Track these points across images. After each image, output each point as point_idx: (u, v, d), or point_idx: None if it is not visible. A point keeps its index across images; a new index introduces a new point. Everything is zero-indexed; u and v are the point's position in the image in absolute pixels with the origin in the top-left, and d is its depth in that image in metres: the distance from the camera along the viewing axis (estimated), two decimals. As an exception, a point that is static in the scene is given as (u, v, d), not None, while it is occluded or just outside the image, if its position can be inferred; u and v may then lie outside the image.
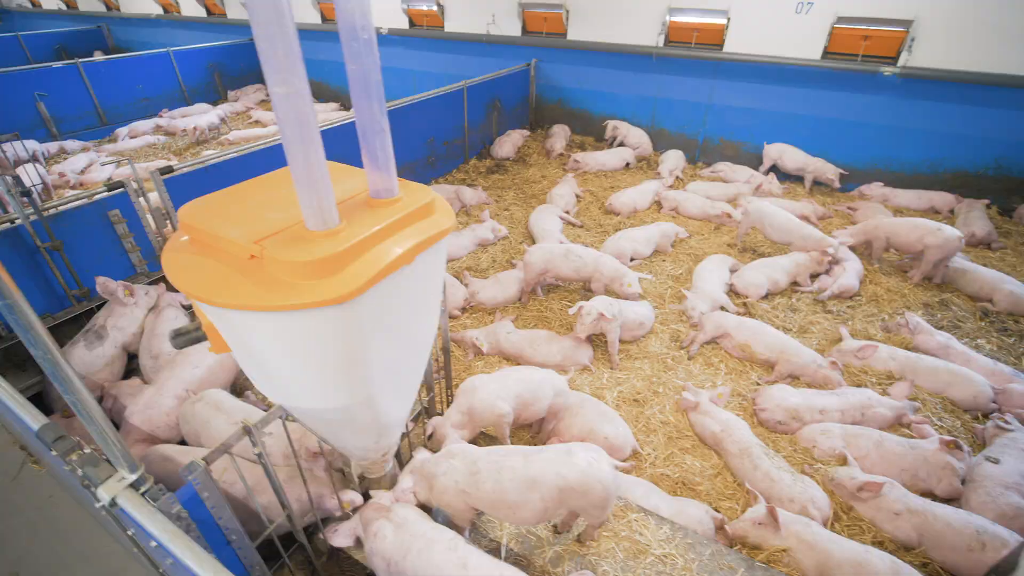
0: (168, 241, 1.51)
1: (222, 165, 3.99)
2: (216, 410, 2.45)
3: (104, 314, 3.22)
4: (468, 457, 2.30)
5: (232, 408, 2.48)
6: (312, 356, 1.47)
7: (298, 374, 1.53)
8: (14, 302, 1.08)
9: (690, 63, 7.04)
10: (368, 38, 1.38)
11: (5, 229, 2.98)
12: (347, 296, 1.30)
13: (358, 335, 1.45)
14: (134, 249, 3.58)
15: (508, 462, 2.25)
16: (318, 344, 1.44)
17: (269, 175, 1.79)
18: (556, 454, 2.25)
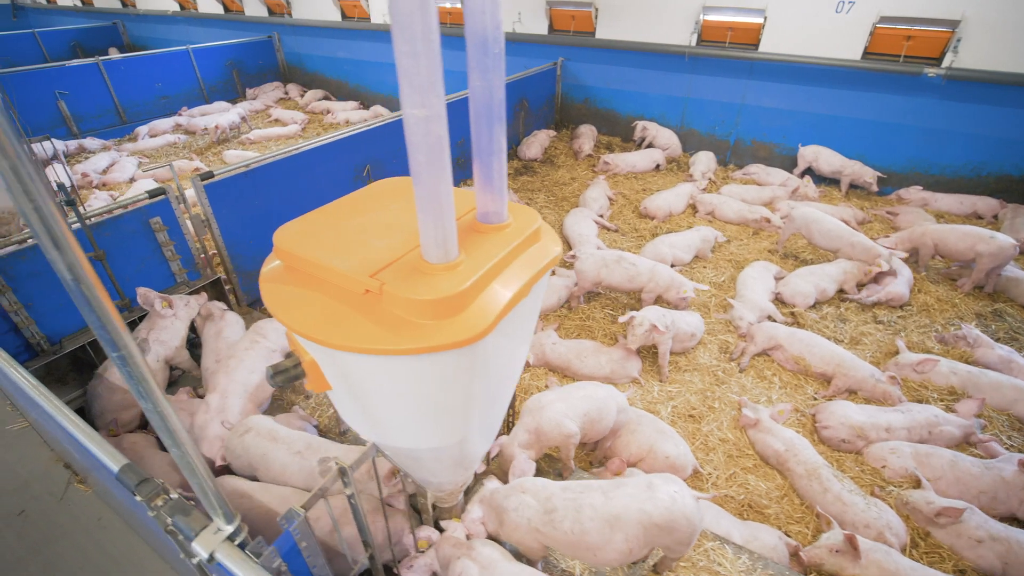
0: (264, 270, 1.39)
1: (262, 169, 3.87)
2: (272, 441, 2.33)
3: (146, 327, 3.11)
4: (542, 493, 2.18)
5: (288, 437, 2.37)
6: (423, 397, 1.35)
7: (405, 415, 1.42)
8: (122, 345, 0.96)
9: (723, 63, 6.87)
10: (499, 52, 1.25)
11: (48, 238, 2.87)
12: (477, 337, 1.19)
13: (471, 374, 1.34)
14: (174, 257, 3.47)
15: (586, 499, 2.12)
16: (432, 385, 1.33)
17: (360, 193, 1.66)
18: (637, 489, 2.12)
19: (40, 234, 0.82)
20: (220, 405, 2.68)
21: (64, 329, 3.06)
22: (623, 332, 4.18)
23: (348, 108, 9.79)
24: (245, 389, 2.78)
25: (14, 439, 3.01)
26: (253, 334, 3.05)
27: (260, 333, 3.06)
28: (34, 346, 2.91)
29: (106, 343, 0.96)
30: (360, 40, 9.79)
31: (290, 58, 11.04)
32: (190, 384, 3.40)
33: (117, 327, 0.94)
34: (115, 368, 2.78)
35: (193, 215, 3.54)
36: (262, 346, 2.99)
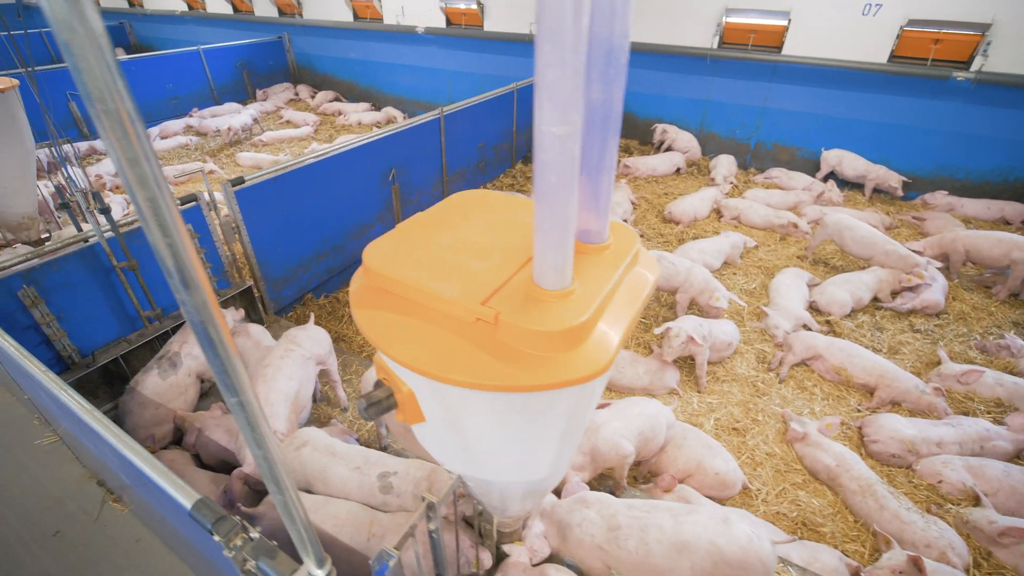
0: (353, 296, 1.30)
1: (291, 175, 3.77)
2: (331, 455, 2.24)
3: (178, 340, 3.01)
4: (606, 509, 2.09)
5: (346, 452, 2.28)
6: (529, 431, 1.26)
7: (505, 449, 1.32)
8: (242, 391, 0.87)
9: (745, 65, 6.79)
10: (624, 63, 1.16)
11: (80, 248, 2.77)
12: (601, 371, 1.09)
13: (577, 407, 1.25)
14: (205, 266, 3.37)
15: (654, 520, 2.03)
16: (541, 419, 1.23)
17: (439, 208, 1.57)
18: (711, 520, 2.03)
19: (178, 288, 0.73)
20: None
21: (95, 341, 2.96)
22: (657, 342, 4.09)
23: (360, 110, 9.69)
24: (286, 398, 2.69)
25: (44, 455, 2.91)
26: (287, 342, 2.96)
27: (294, 341, 2.97)
28: (65, 359, 2.81)
29: (225, 388, 0.86)
30: (372, 41, 9.70)
31: (300, 59, 10.94)
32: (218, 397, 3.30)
33: (240, 372, 0.85)
34: (147, 381, 2.68)
35: (223, 222, 3.45)
36: (297, 354, 2.90)
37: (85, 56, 0.58)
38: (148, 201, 0.67)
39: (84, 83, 0.59)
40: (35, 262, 2.59)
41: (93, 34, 0.57)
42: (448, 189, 5.87)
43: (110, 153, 0.63)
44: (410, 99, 9.87)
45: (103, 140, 0.62)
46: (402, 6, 9.00)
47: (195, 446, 2.74)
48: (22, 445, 2.96)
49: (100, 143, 7.83)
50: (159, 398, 2.80)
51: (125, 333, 3.08)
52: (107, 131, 0.61)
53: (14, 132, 3.81)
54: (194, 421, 2.79)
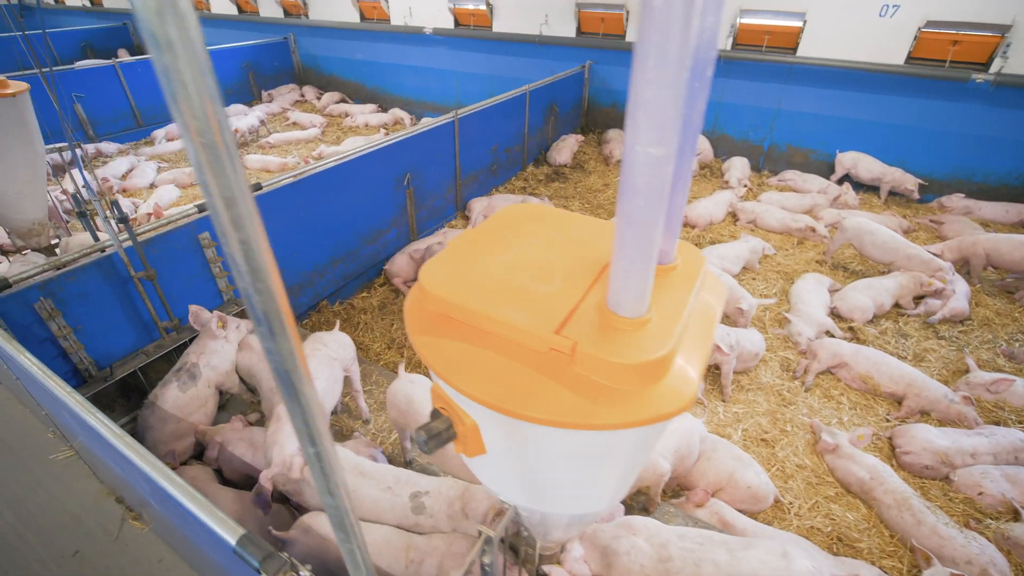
0: (411, 321, 1.22)
1: (307, 180, 3.70)
2: (360, 476, 2.16)
3: (196, 350, 2.93)
4: (656, 538, 2.01)
5: (375, 472, 2.20)
6: (601, 466, 1.19)
7: (573, 483, 1.25)
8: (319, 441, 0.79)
9: (759, 67, 6.72)
10: (710, 76, 1.08)
11: (97, 258, 2.70)
12: (688, 406, 1.02)
13: (651, 442, 1.18)
14: (222, 275, 3.30)
15: (708, 554, 1.96)
16: (616, 454, 1.16)
17: (492, 224, 1.49)
18: (769, 555, 1.95)
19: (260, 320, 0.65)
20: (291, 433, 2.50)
21: (112, 353, 2.89)
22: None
23: (367, 111, 9.61)
24: None
25: (60, 470, 2.83)
26: (313, 343, 2.89)
27: (320, 341, 2.90)
28: (82, 372, 2.73)
29: (304, 437, 0.79)
30: (379, 42, 9.62)
31: (305, 60, 10.86)
32: (236, 409, 3.23)
33: (320, 422, 0.78)
34: (166, 395, 2.61)
35: (241, 229, 3.36)
36: (323, 354, 2.84)
37: (185, 83, 0.50)
38: (241, 244, 0.59)
39: (181, 112, 0.51)
40: (52, 273, 2.52)
41: (197, 60, 0.50)
42: (461, 193, 5.80)
43: (205, 191, 0.55)
44: (417, 100, 9.79)
45: (198, 175, 0.54)
46: (410, 7, 8.92)
47: (217, 461, 2.67)
48: (37, 460, 2.88)
49: (105, 145, 7.75)
50: (179, 412, 2.72)
51: (142, 344, 3.01)
52: (206, 167, 0.53)
53: (25, 137, 3.73)
54: (215, 435, 2.72)
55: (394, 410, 2.59)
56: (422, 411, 2.49)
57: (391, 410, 2.62)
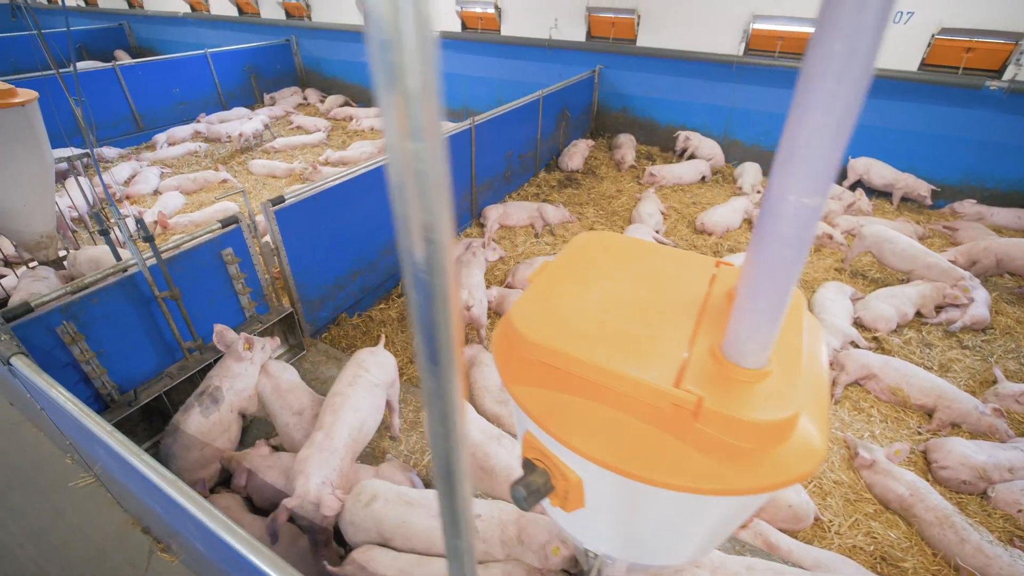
0: (506, 369, 1.14)
1: (329, 191, 3.60)
2: (407, 505, 2.08)
3: (219, 373, 2.82)
4: (720, 570, 1.95)
5: (422, 499, 2.12)
6: (706, 523, 1.12)
7: (669, 538, 1.18)
8: (463, 532, 0.72)
9: (772, 72, 6.70)
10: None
11: (120, 279, 2.59)
12: (816, 468, 0.96)
13: (761, 499, 1.11)
14: (245, 291, 3.19)
15: None
16: (729, 513, 1.09)
17: (569, 257, 1.41)
18: None
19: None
20: (323, 444, 2.42)
21: (134, 375, 2.78)
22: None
23: (372, 114, 9.50)
24: (350, 428, 2.54)
25: (81, 498, 2.72)
26: (355, 367, 2.80)
27: (361, 366, 2.81)
28: (104, 397, 2.62)
29: (450, 530, 0.71)
30: (383, 44, 9.49)
31: (307, 62, 10.72)
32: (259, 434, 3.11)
33: (468, 511, 0.70)
34: (190, 421, 2.51)
35: (263, 243, 3.27)
36: (365, 380, 2.75)
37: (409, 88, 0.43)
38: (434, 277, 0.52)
39: (393, 117, 0.44)
40: (75, 295, 2.41)
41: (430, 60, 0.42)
42: (477, 200, 5.71)
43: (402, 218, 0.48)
44: (422, 104, 9.66)
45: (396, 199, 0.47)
46: (415, 9, 8.81)
47: (246, 488, 2.57)
48: (56, 488, 2.77)
49: (106, 150, 7.59)
50: (203, 437, 2.62)
51: (164, 365, 2.90)
52: (413, 194, 0.46)
53: (34, 148, 3.60)
54: (242, 461, 2.62)
55: None
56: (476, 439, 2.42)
57: None
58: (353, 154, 7.74)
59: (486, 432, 2.46)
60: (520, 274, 4.63)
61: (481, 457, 2.35)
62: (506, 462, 2.33)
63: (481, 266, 4.34)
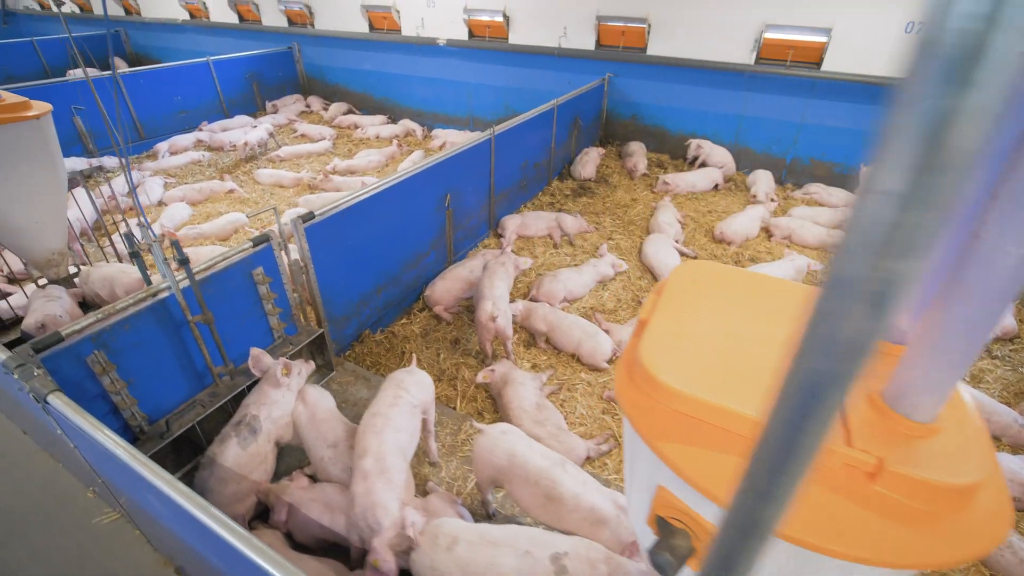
0: (643, 421, 1.04)
1: (359, 205, 3.50)
2: (492, 546, 1.96)
3: (255, 401, 2.69)
4: None
5: (505, 537, 2.00)
6: None
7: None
8: None
9: (783, 81, 6.69)
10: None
11: (151, 304, 2.46)
12: (1007, 532, 0.87)
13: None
14: (274, 311, 3.07)
15: None
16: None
17: (680, 285, 1.32)
18: None
19: None
20: (379, 468, 2.30)
21: (163, 403, 2.64)
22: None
23: (377, 123, 9.39)
24: (400, 451, 2.43)
25: (107, 536, 2.57)
26: (395, 388, 2.69)
27: (400, 386, 2.70)
28: (134, 428, 2.48)
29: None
30: (389, 52, 9.41)
31: (310, 69, 10.59)
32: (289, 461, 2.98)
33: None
34: (227, 453, 2.39)
35: (292, 261, 3.15)
36: (405, 401, 2.64)
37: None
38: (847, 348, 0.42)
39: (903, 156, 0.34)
40: (105, 323, 2.27)
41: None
42: (495, 211, 5.62)
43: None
44: (428, 111, 9.60)
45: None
46: (422, 17, 8.75)
47: (287, 524, 2.44)
48: (79, 525, 2.62)
49: (107, 160, 7.40)
50: (240, 470, 2.49)
51: (193, 392, 2.77)
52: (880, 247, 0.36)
53: (47, 162, 3.46)
54: (282, 495, 2.49)
55: (489, 468, 2.39)
56: (530, 465, 2.31)
57: (485, 468, 2.42)
58: (360, 163, 7.63)
59: (548, 457, 2.36)
60: (545, 287, 4.54)
61: (547, 485, 2.25)
62: (573, 489, 2.25)
63: (508, 276, 4.23)
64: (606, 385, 3.89)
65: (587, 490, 2.30)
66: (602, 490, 2.36)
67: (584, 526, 2.23)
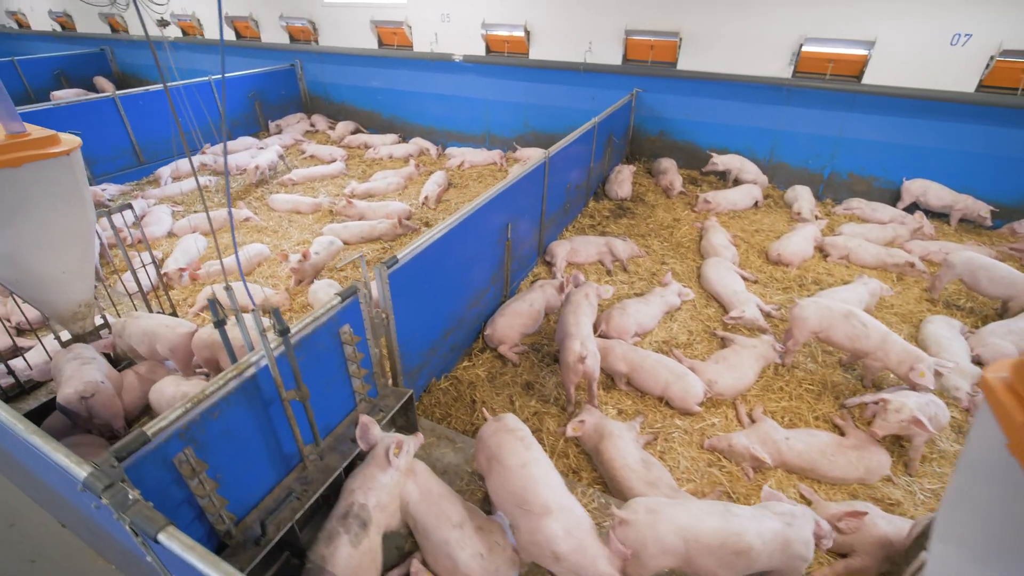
0: None
1: (438, 243, 3.13)
2: None
3: (361, 486, 2.26)
4: None
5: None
6: None
7: None
8: None
9: (821, 94, 6.56)
10: None
11: (242, 382, 2.03)
12: None
13: None
14: (359, 373, 2.65)
15: None
16: None
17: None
18: None
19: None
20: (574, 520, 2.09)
21: (248, 498, 2.20)
22: (859, 416, 3.63)
23: (388, 142, 9.01)
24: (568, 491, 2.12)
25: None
26: (513, 438, 2.38)
27: (515, 434, 2.39)
28: (220, 533, 2.04)
29: None
30: (398, 68, 9.07)
31: (313, 88, 10.16)
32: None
33: None
34: (338, 555, 1.98)
35: (374, 313, 2.75)
36: (535, 443, 2.32)
37: None
38: None
39: None
40: (195, 412, 1.85)
41: None
42: (543, 237, 5.29)
43: None
44: (440, 129, 9.26)
45: None
46: (436, 33, 8.44)
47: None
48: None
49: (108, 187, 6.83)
50: (353, 572, 2.07)
51: (279, 476, 2.33)
52: None
53: (77, 203, 3.00)
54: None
55: (662, 556, 2.06)
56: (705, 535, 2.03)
57: (657, 557, 2.07)
58: (380, 185, 7.22)
59: (714, 511, 2.14)
60: (615, 322, 4.20)
61: (732, 541, 2.02)
62: (759, 533, 2.05)
63: (592, 309, 3.91)
64: (704, 432, 3.56)
65: (763, 521, 2.21)
66: (767, 510, 2.29)
67: (778, 556, 2.14)
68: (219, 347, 3.24)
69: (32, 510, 2.83)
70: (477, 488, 2.91)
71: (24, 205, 2.72)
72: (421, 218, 6.43)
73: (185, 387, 2.86)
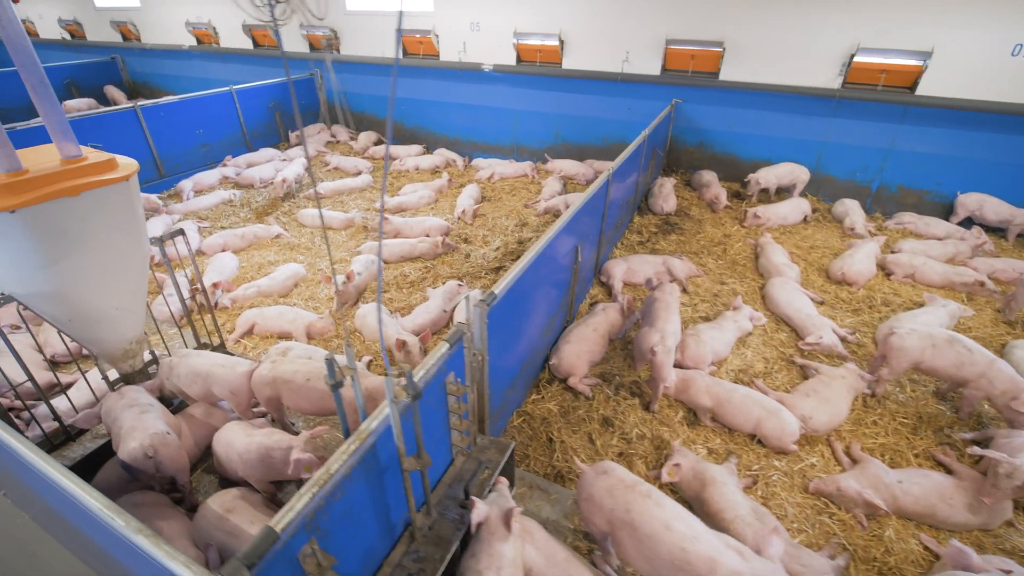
0: None
1: (527, 273, 2.86)
2: None
3: (486, 565, 1.96)
4: None
5: None
6: None
7: None
8: None
9: (871, 106, 6.36)
10: None
11: (362, 454, 1.74)
12: None
13: None
14: (460, 425, 2.37)
15: None
16: None
17: None
18: None
19: None
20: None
21: (362, 569, 1.91)
22: (956, 450, 3.37)
23: (414, 153, 8.77)
24: None
25: None
26: (624, 486, 2.11)
27: (625, 482, 2.12)
28: (332, 627, 1.74)
29: None
30: (422, 78, 8.83)
31: (331, 97, 9.90)
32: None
33: None
34: None
35: (472, 358, 2.47)
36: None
37: None
38: None
39: None
40: (319, 494, 1.56)
41: None
42: (600, 258, 5.03)
43: None
44: (466, 140, 9.02)
45: None
46: (464, 42, 8.21)
47: None
48: None
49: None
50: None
51: (386, 551, 2.04)
52: None
53: (134, 233, 2.72)
54: None
55: None
56: None
57: None
58: (411, 199, 6.95)
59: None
60: (691, 351, 3.94)
61: None
62: None
63: (677, 307, 4.08)
64: (805, 474, 3.29)
65: None
66: None
67: None
68: (282, 384, 2.96)
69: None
70: (581, 544, 2.63)
71: (82, 237, 2.44)
72: (460, 234, 6.16)
73: (258, 437, 2.56)
